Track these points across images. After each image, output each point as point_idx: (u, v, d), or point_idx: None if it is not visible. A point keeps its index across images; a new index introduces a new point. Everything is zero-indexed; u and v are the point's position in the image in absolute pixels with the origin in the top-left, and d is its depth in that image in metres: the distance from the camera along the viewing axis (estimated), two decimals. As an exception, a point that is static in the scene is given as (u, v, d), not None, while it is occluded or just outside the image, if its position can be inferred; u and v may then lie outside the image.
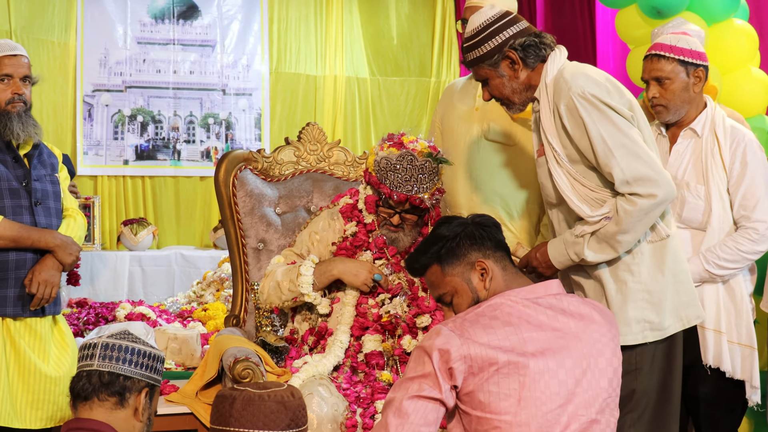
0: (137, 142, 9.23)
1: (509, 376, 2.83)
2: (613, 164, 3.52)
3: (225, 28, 9.55)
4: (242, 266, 4.84)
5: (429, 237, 3.26)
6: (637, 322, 3.64)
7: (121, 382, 3.08)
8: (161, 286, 8.31)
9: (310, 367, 4.04)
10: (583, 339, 2.96)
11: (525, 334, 2.89)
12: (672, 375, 3.77)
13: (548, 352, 2.89)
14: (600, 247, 3.60)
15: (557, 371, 2.88)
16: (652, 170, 3.51)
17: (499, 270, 3.12)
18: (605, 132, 3.53)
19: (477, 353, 2.83)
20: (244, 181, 4.84)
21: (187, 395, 4.35)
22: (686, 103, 4.31)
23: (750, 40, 5.16)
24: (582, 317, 3.01)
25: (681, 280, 3.73)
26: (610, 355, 3.00)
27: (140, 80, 9.29)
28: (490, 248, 3.13)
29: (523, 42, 3.72)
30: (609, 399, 2.97)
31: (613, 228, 3.55)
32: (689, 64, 4.26)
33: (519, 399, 2.82)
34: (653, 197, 3.49)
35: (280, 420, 3.01)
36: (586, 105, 3.56)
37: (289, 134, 5.09)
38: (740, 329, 4.26)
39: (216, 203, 4.90)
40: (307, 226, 4.55)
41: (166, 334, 5.01)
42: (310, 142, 5.02)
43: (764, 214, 4.23)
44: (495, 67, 3.77)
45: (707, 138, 4.30)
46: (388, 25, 10.10)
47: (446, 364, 2.83)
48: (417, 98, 10.08)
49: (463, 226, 3.18)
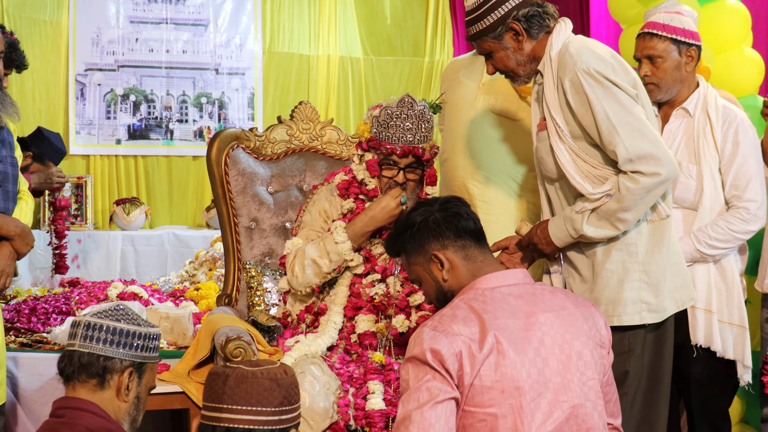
0: (130, 121, 9.20)
1: (491, 368, 2.82)
2: (617, 142, 3.50)
3: (218, 7, 9.51)
4: (234, 245, 4.83)
5: (401, 222, 3.32)
6: (633, 302, 3.62)
7: (101, 362, 3.03)
8: (154, 266, 8.31)
9: (303, 346, 4.04)
10: (555, 325, 2.96)
11: (502, 320, 2.89)
12: (663, 357, 3.77)
13: (524, 342, 2.88)
14: (600, 224, 3.58)
15: (534, 359, 2.87)
16: (656, 148, 3.49)
17: (460, 259, 3.13)
18: (610, 109, 3.52)
19: (465, 348, 2.82)
20: (236, 159, 4.83)
21: (178, 374, 4.35)
22: (678, 82, 4.31)
23: (743, 20, 5.16)
24: (553, 304, 3.02)
25: (676, 261, 3.73)
26: (584, 339, 2.99)
27: (133, 59, 9.25)
28: (449, 238, 3.14)
29: (527, 12, 3.69)
30: (591, 382, 2.96)
31: (614, 205, 3.53)
32: (682, 43, 4.26)
33: (502, 390, 2.81)
34: (657, 175, 3.47)
35: (273, 397, 3.00)
36: (591, 81, 3.54)
37: (282, 114, 5.08)
38: (731, 309, 4.26)
39: (209, 183, 4.90)
40: (309, 205, 4.50)
41: (158, 313, 5.01)
42: (303, 120, 5.01)
43: (755, 194, 4.23)
44: (499, 39, 3.74)
45: (699, 117, 4.30)
46: (382, 5, 10.07)
47: (443, 364, 2.82)
48: (410, 78, 10.06)
49: (425, 214, 3.20)
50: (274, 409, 3.00)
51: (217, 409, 3.00)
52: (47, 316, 5.32)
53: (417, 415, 2.80)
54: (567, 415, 2.88)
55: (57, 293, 5.96)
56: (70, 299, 5.70)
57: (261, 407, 2.99)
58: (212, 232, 8.41)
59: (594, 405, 2.95)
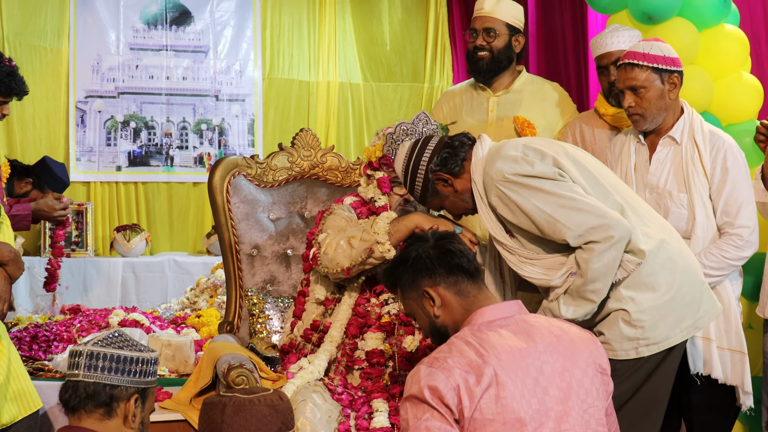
0: (130, 148, 9.22)
1: (491, 400, 2.81)
2: (560, 228, 3.51)
3: (218, 34, 9.55)
4: (236, 272, 4.83)
5: (396, 256, 3.38)
6: (629, 339, 3.61)
7: (107, 392, 3.03)
8: (154, 293, 8.30)
9: (306, 373, 4.03)
10: (554, 354, 2.96)
11: (500, 352, 2.88)
12: (662, 383, 3.74)
13: (523, 372, 2.87)
14: (575, 302, 3.57)
15: (534, 389, 2.87)
16: (599, 217, 3.48)
17: (452, 295, 3.15)
18: (539, 202, 3.54)
19: (462, 381, 2.81)
20: (238, 187, 4.84)
21: (180, 402, 4.33)
22: (663, 111, 4.28)
23: (741, 45, 5.16)
24: (550, 333, 3.02)
25: (671, 296, 3.66)
26: (584, 366, 2.99)
27: (133, 86, 9.28)
28: (441, 274, 3.16)
29: (438, 160, 3.80)
30: (592, 409, 2.96)
31: (580, 281, 3.52)
32: (663, 71, 4.23)
33: (503, 422, 2.80)
34: (610, 239, 3.46)
35: (272, 424, 3.01)
36: (512, 186, 3.58)
37: (283, 140, 5.10)
38: (729, 335, 4.24)
39: (209, 209, 4.89)
40: (327, 219, 4.44)
41: (159, 341, 5.00)
42: (304, 147, 5.02)
43: (747, 220, 4.20)
44: (436, 194, 3.86)
45: (687, 145, 4.27)
46: (381, 31, 10.10)
47: (441, 400, 2.81)
48: (410, 104, 10.07)
49: (419, 249, 3.23)
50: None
51: (217, 439, 2.99)
52: (48, 344, 5.31)
53: None
54: None
55: (58, 321, 5.96)
56: (71, 327, 5.70)
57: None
58: (213, 259, 8.41)
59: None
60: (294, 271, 4.87)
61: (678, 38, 4.83)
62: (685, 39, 4.90)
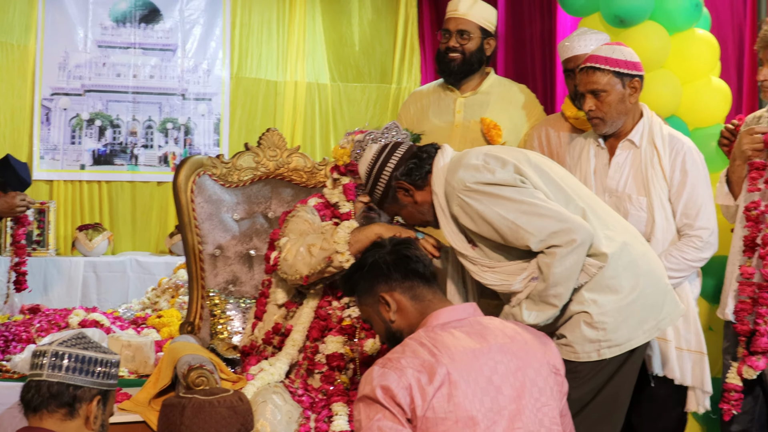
0: (95, 146, 9.17)
1: (444, 399, 2.84)
2: (522, 234, 3.51)
3: (186, 33, 9.51)
4: (198, 273, 4.80)
5: (354, 263, 3.45)
6: (591, 342, 3.60)
7: (71, 392, 3.01)
8: (116, 293, 8.27)
9: (266, 374, 4.01)
10: (508, 354, 2.99)
11: (453, 353, 2.91)
12: (623, 385, 3.74)
13: (476, 371, 2.90)
14: (538, 307, 3.56)
15: (487, 388, 2.90)
16: (560, 222, 3.49)
17: (408, 300, 3.18)
18: (502, 210, 3.53)
19: (414, 380, 2.84)
20: (202, 186, 4.81)
21: (139, 403, 4.30)
22: (623, 115, 4.28)
23: (711, 50, 5.16)
24: (504, 334, 3.06)
25: (633, 298, 3.65)
26: (538, 366, 3.03)
27: (99, 84, 9.24)
28: (397, 279, 3.20)
29: (404, 170, 3.79)
30: (545, 408, 2.99)
31: (542, 285, 3.52)
32: (625, 75, 4.23)
33: (456, 421, 2.82)
34: (572, 242, 3.46)
35: (231, 425, 2.99)
36: (474, 195, 3.57)
37: (249, 140, 5.07)
38: (689, 336, 4.24)
39: (173, 209, 4.87)
40: (289, 221, 4.40)
41: (119, 342, 4.96)
42: (270, 148, 4.99)
43: (707, 221, 4.22)
44: (395, 201, 3.86)
45: (646, 148, 4.28)
46: (351, 31, 10.09)
47: (393, 399, 2.83)
48: (377, 105, 10.07)
49: (376, 255, 3.28)
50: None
51: (175, 440, 2.96)
52: (7, 344, 5.28)
53: None
54: None
55: (17, 320, 5.91)
56: (30, 327, 5.65)
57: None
58: (175, 259, 8.38)
59: (549, 431, 2.98)
60: (257, 272, 4.85)
61: (649, 42, 4.84)
62: (656, 43, 4.90)
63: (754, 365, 4.18)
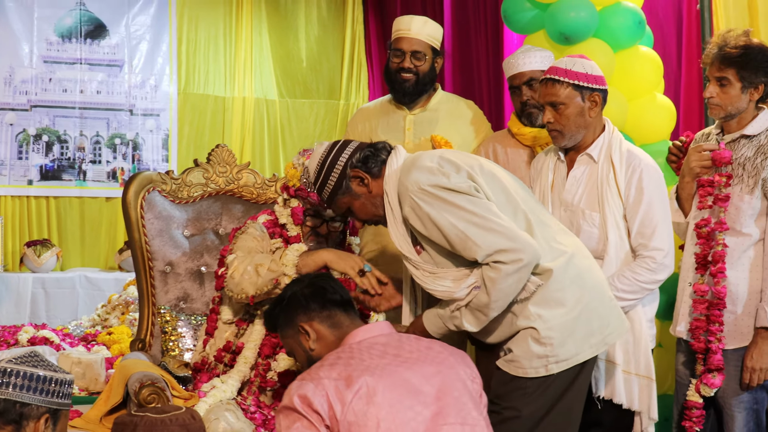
0: (42, 161, 9.11)
1: (363, 401, 2.97)
2: (470, 245, 3.50)
3: (133, 48, 9.48)
4: (149, 289, 4.78)
5: (274, 298, 3.62)
6: (538, 357, 3.61)
7: (17, 409, 2.98)
8: (65, 309, 8.21)
9: (218, 391, 4.01)
10: (425, 363, 3.15)
11: (369, 362, 3.08)
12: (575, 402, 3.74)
13: (395, 379, 3.05)
14: (474, 316, 3.58)
15: (405, 395, 3.04)
16: (509, 240, 3.47)
17: (326, 328, 3.36)
18: (452, 217, 3.52)
19: (331, 388, 2.98)
20: (152, 203, 4.80)
21: (90, 421, 4.28)
22: (582, 128, 4.18)
23: (655, 67, 5.22)
24: (420, 346, 3.24)
25: (577, 314, 3.66)
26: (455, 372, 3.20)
27: (46, 99, 9.19)
28: (315, 310, 3.37)
29: (360, 156, 3.77)
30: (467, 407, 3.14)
31: (484, 298, 3.51)
32: (584, 89, 4.14)
33: (378, 421, 2.96)
34: (518, 261, 3.46)
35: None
36: (427, 198, 3.55)
37: (197, 155, 5.07)
38: (638, 360, 4.12)
39: (122, 224, 4.86)
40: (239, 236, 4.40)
41: (69, 359, 4.94)
42: (220, 164, 4.99)
43: (662, 242, 4.09)
44: (349, 192, 3.80)
45: (603, 164, 4.18)
46: (298, 47, 10.11)
47: (310, 407, 2.97)
48: (326, 121, 10.10)
49: (295, 289, 3.45)
50: (185, 455, 2.98)
51: (128, 458, 2.96)
52: (-45, 361, 5.21)
53: None
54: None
55: (-34, 338, 5.87)
56: (-21, 344, 5.61)
57: (172, 454, 2.96)
58: (125, 275, 8.33)
59: (472, 429, 3.12)
60: (208, 289, 4.84)
61: (594, 59, 4.80)
62: (601, 60, 4.91)
63: (709, 383, 4.19)
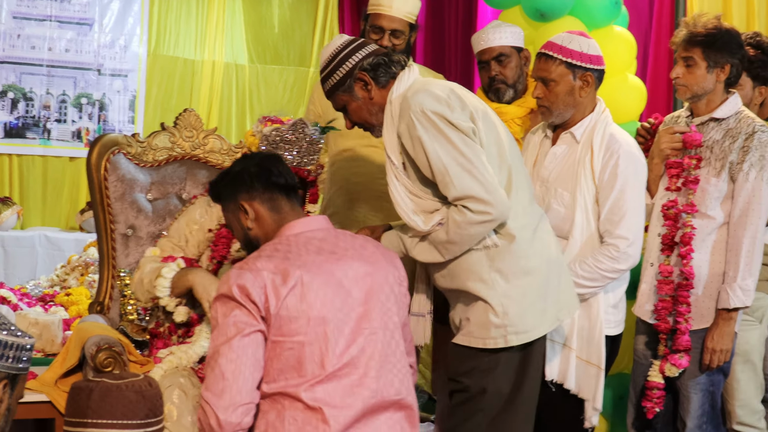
0: (6, 119, 9.04)
1: (297, 299, 3.09)
2: (447, 181, 3.52)
3: (104, 7, 9.40)
4: (109, 252, 4.75)
5: (222, 171, 3.70)
6: (496, 327, 3.62)
7: None
8: (23, 268, 8.18)
9: (174, 358, 3.98)
10: (358, 260, 3.29)
11: (306, 258, 3.18)
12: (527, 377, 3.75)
13: (328, 275, 3.19)
14: (428, 248, 3.66)
15: (338, 290, 3.19)
16: (485, 191, 3.49)
17: (266, 210, 3.42)
18: (441, 149, 3.53)
19: (269, 280, 3.09)
20: (116, 165, 4.75)
21: (45, 383, 4.24)
22: (570, 107, 4.15)
23: (629, 48, 5.23)
24: (355, 244, 3.38)
25: (538, 283, 3.65)
26: (384, 273, 3.35)
27: (13, 56, 9.11)
28: (258, 190, 3.43)
29: (372, 62, 3.77)
30: (390, 312, 3.31)
31: (442, 236, 3.57)
32: (577, 67, 4.11)
33: (308, 320, 3.09)
34: (485, 214, 3.50)
35: (139, 410, 2.98)
36: (424, 122, 3.55)
37: (164, 118, 5.04)
38: (591, 347, 4.09)
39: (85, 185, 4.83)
40: (182, 214, 4.42)
41: (27, 319, 4.89)
42: (186, 128, 4.94)
43: (628, 231, 4.03)
44: (350, 92, 3.80)
45: (584, 144, 4.14)
46: (270, 13, 10.06)
47: (248, 297, 3.07)
48: (295, 88, 10.07)
49: (242, 165, 3.51)
50: (140, 422, 2.98)
51: (81, 424, 2.95)
52: None
53: (225, 348, 3.07)
54: (368, 341, 3.19)
55: None
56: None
57: (127, 420, 2.96)
58: (86, 236, 8.28)
59: (392, 334, 3.29)
60: (169, 253, 4.81)
61: (567, 37, 4.87)
62: (575, 38, 4.94)
63: (677, 363, 4.22)
